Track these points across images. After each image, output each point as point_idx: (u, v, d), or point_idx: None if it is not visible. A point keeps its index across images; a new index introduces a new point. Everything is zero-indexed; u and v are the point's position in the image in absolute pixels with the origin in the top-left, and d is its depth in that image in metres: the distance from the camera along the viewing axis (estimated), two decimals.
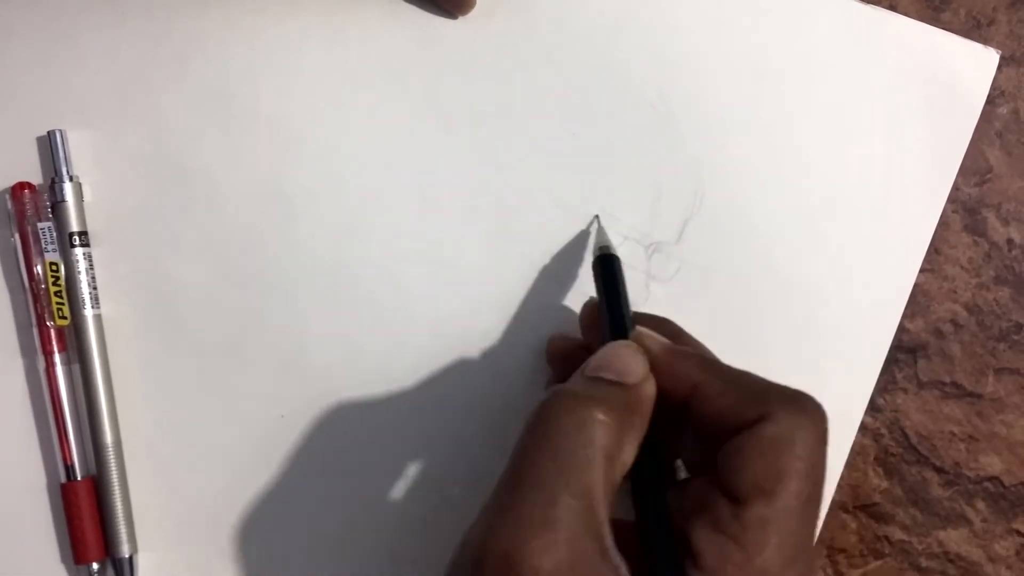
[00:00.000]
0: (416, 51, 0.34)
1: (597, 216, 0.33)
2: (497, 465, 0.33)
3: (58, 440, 0.31)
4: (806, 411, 0.23)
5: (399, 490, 0.32)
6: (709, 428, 0.24)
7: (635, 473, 0.23)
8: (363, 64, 0.33)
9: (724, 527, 0.21)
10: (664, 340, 0.26)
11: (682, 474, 0.27)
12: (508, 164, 0.34)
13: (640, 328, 0.26)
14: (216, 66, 0.33)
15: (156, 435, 0.32)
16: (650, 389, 0.24)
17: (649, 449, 0.24)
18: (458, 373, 0.33)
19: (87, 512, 0.30)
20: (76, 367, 0.31)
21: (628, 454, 0.23)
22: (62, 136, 0.32)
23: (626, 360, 0.24)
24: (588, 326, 0.30)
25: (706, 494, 0.22)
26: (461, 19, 0.34)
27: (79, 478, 0.31)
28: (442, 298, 0.33)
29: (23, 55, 0.32)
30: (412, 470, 0.32)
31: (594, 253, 0.30)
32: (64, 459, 0.31)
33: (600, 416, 0.22)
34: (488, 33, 0.34)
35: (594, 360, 0.25)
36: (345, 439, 0.32)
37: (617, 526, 0.22)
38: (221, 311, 0.32)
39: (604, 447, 0.22)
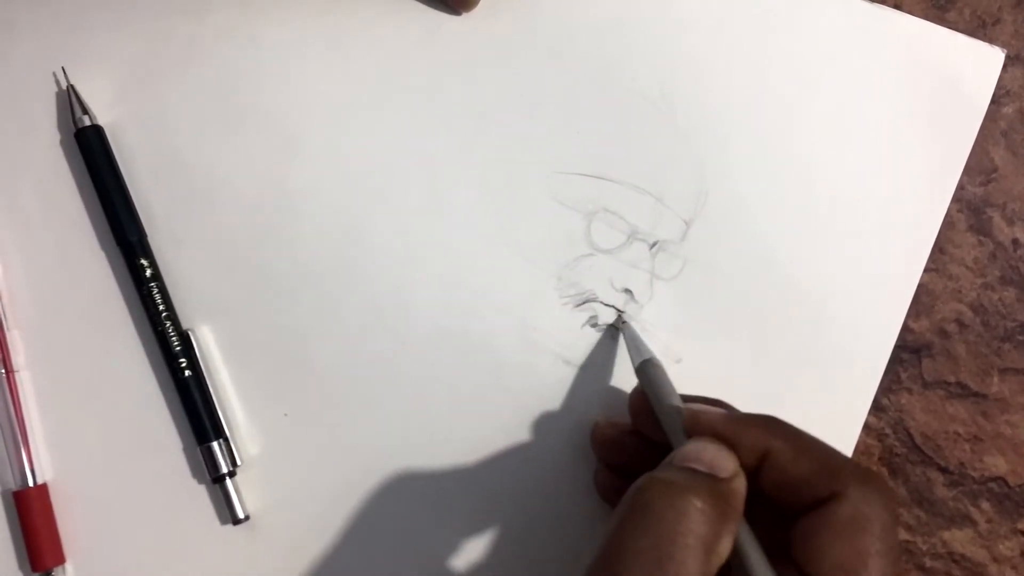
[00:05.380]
0: (419, 48, 0.33)
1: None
2: (493, 462, 0.32)
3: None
4: (879, 490, 0.23)
5: (400, 487, 0.32)
6: (780, 499, 0.23)
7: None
8: (366, 61, 0.33)
9: None
10: (722, 411, 0.26)
11: None
12: (511, 162, 0.33)
13: (693, 404, 0.26)
14: (218, 64, 0.33)
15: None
16: (741, 485, 0.24)
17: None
18: (459, 373, 0.32)
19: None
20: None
21: (724, 547, 0.22)
22: None
23: (717, 454, 0.24)
24: (638, 413, 0.29)
25: None
26: (464, 16, 0.34)
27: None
28: (443, 297, 0.33)
29: (25, 54, 0.32)
30: (411, 468, 0.32)
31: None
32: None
33: (699, 504, 0.21)
34: (491, 30, 0.34)
35: (683, 452, 0.24)
36: (346, 438, 0.32)
37: None
38: (221, 309, 0.32)
39: (703, 537, 0.21)
